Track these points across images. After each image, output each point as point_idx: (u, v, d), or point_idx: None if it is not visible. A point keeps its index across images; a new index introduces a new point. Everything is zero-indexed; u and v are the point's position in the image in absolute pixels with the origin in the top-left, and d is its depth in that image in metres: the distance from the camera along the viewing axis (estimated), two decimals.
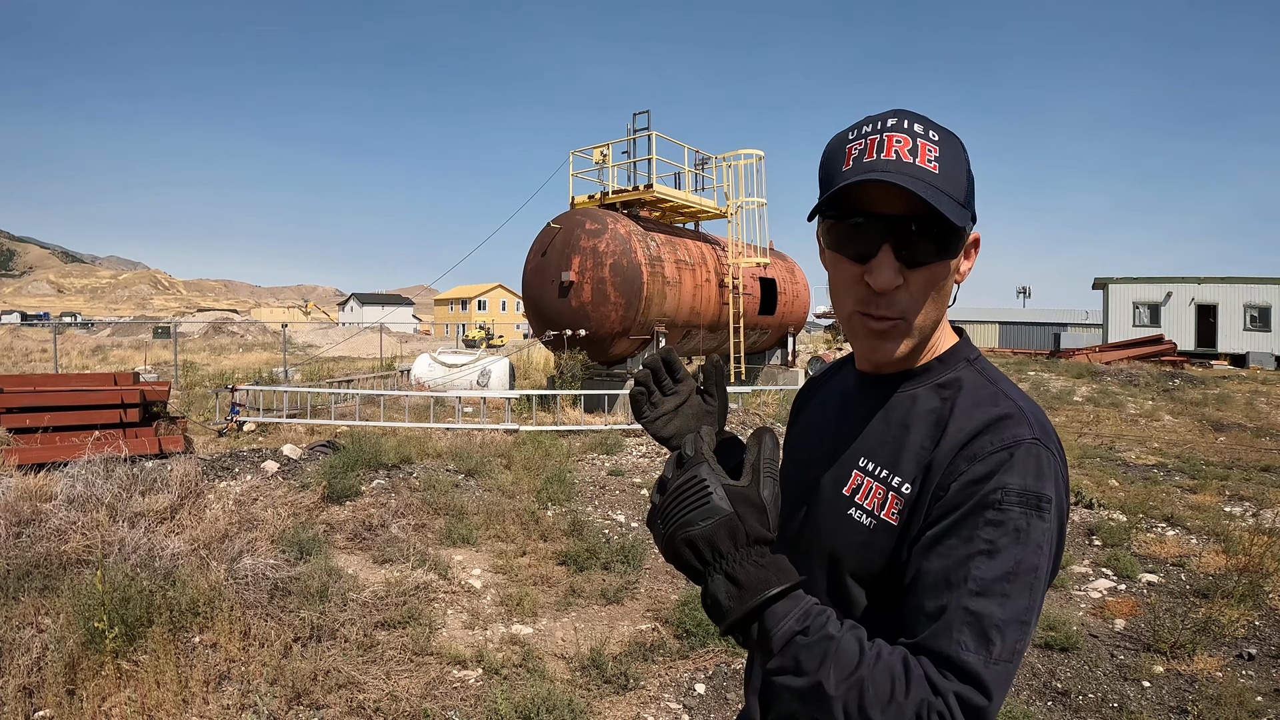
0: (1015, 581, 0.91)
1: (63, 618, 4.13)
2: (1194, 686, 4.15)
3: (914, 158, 0.99)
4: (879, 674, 0.87)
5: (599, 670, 4.22)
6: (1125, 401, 17.44)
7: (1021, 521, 0.92)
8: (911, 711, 0.84)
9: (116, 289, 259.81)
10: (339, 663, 4.04)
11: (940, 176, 1.00)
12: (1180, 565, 6.17)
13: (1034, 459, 0.96)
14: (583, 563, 5.91)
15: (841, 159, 1.04)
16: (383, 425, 11.91)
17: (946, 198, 0.99)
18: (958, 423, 1.03)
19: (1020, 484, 0.94)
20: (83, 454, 6.91)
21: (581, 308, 14.88)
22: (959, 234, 1.03)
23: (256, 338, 45.54)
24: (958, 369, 1.12)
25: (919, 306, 1.05)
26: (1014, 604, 0.90)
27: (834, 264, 1.09)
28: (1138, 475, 9.74)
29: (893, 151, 1.00)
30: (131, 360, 27.27)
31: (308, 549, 5.65)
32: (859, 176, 0.99)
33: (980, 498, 0.94)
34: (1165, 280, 34.01)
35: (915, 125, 1.02)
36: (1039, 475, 0.95)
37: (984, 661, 0.87)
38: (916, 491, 1.02)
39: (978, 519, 0.93)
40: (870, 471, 1.09)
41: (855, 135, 1.04)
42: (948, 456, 1.00)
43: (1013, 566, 0.91)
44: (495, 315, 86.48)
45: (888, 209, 1.01)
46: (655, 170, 16.34)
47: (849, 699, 0.86)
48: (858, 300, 1.06)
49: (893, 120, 1.03)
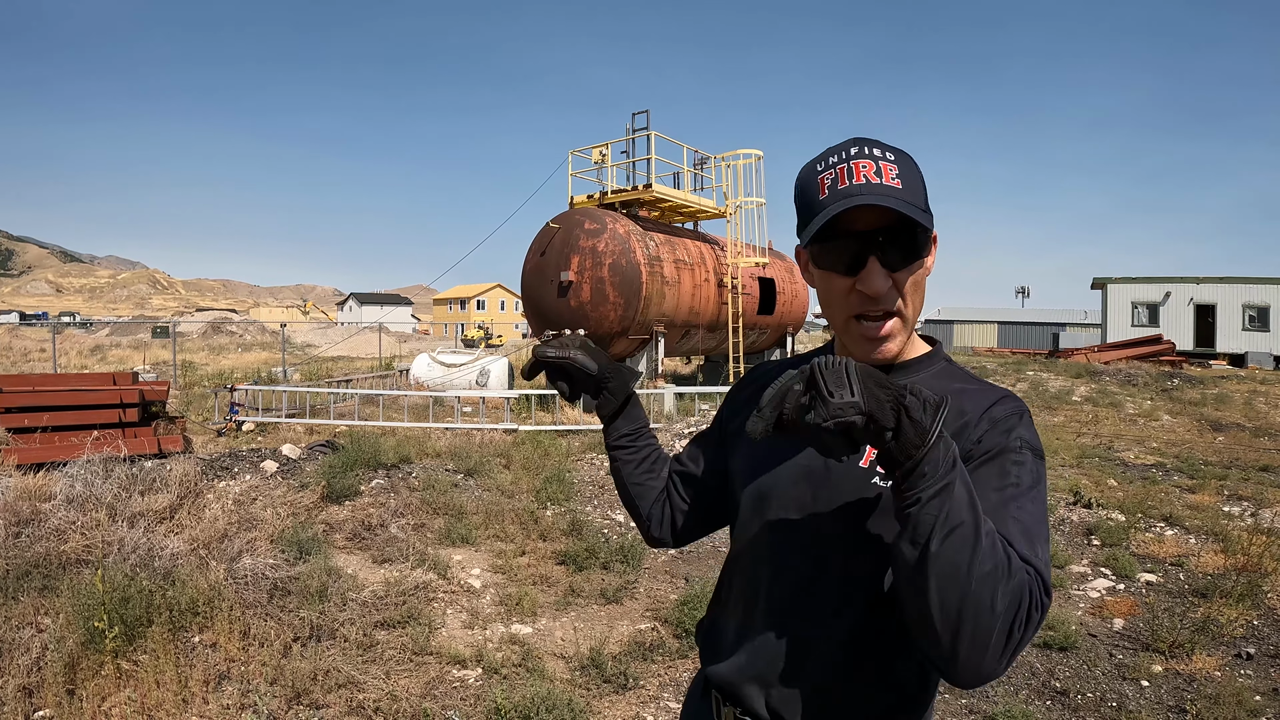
0: (1037, 503, 1.11)
1: (62, 617, 4.13)
2: (1192, 686, 4.16)
3: (880, 178, 1.15)
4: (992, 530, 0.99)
5: (598, 670, 4.23)
6: (1124, 401, 17.45)
7: (1035, 465, 1.14)
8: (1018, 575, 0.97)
9: (115, 289, 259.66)
10: (338, 662, 4.04)
11: (904, 190, 1.16)
12: (1179, 565, 6.18)
13: (1031, 422, 1.20)
14: (582, 562, 5.92)
15: (816, 189, 1.19)
16: (382, 425, 11.91)
17: (914, 207, 1.15)
18: (973, 399, 1.21)
19: (1029, 438, 1.17)
20: (82, 454, 6.91)
21: (580, 307, 14.88)
22: (928, 235, 1.20)
23: (255, 337, 45.52)
24: (940, 365, 1.33)
25: (907, 300, 1.21)
26: (1037, 516, 1.09)
27: (824, 280, 1.24)
28: (1136, 475, 9.75)
29: (861, 176, 1.15)
30: (130, 360, 27.26)
31: (307, 549, 5.66)
32: (846, 203, 1.14)
33: (1005, 444, 1.15)
34: (1164, 280, 34.03)
35: (874, 150, 1.18)
36: (1036, 435, 1.19)
37: (1036, 560, 1.02)
38: None
39: (1005, 460, 1.13)
40: None
41: (824, 166, 1.20)
42: (974, 420, 1.18)
43: (1032, 492, 1.11)
44: (494, 315, 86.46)
45: (868, 225, 1.16)
46: (654, 170, 16.36)
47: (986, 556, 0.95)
48: (853, 307, 1.21)
49: (855, 149, 1.19)
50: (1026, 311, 51.60)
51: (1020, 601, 0.95)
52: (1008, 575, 0.95)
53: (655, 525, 1.58)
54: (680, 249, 16.25)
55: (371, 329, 40.96)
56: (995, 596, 0.93)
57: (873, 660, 1.18)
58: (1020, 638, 0.95)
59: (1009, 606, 0.94)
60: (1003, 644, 0.94)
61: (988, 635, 0.93)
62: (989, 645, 0.93)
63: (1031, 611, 0.96)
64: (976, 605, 0.93)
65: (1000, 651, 0.94)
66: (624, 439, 1.57)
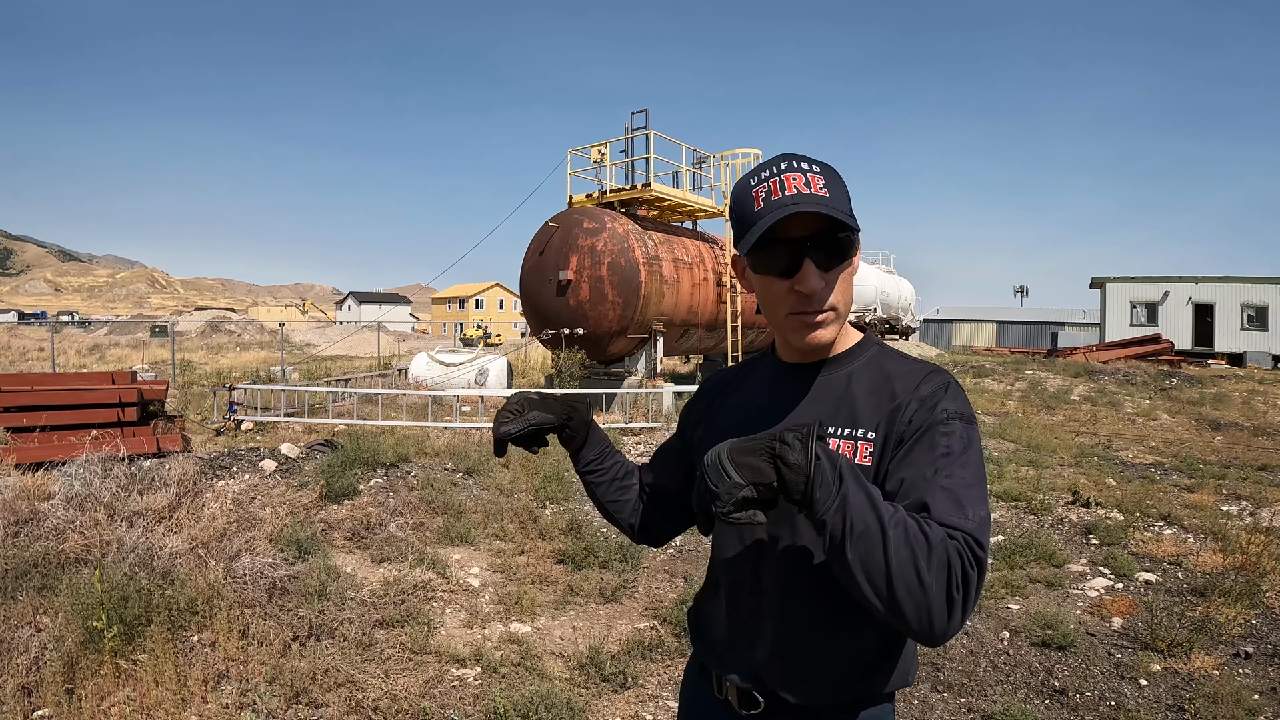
0: (968, 466, 1.20)
1: (61, 617, 4.13)
2: (1191, 685, 4.16)
3: (809, 188, 1.26)
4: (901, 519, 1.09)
5: (597, 669, 4.23)
6: (1122, 401, 17.47)
7: (963, 431, 1.24)
8: (938, 545, 1.07)
9: (114, 288, 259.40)
10: (337, 661, 4.04)
11: (831, 198, 1.27)
12: (1177, 564, 6.18)
13: (960, 393, 1.31)
14: (581, 561, 5.92)
15: (751, 201, 1.31)
16: (380, 424, 11.90)
17: (842, 213, 1.26)
18: (900, 382, 1.33)
19: (956, 407, 1.27)
20: (81, 453, 6.91)
21: (579, 306, 14.88)
22: (855, 238, 1.32)
23: (254, 336, 45.49)
24: (873, 350, 1.43)
25: (840, 296, 1.33)
26: (968, 479, 1.19)
27: (763, 284, 1.35)
28: (1135, 474, 9.76)
29: (792, 188, 1.26)
30: (129, 359, 27.23)
31: (306, 548, 5.65)
32: (783, 212, 1.24)
33: (932, 419, 1.25)
34: (1163, 280, 34.05)
35: (802, 164, 1.29)
36: (964, 402, 1.30)
37: (965, 521, 1.12)
38: (883, 436, 1.29)
39: (934, 433, 1.24)
40: (833, 433, 1.34)
41: (756, 181, 1.31)
42: (904, 401, 1.29)
43: (963, 457, 1.21)
44: (493, 314, 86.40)
45: (800, 232, 1.27)
46: (653, 169, 16.34)
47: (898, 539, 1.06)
48: (791, 305, 1.33)
49: (784, 164, 1.29)
50: (1025, 311, 51.62)
51: (949, 568, 1.06)
52: (927, 551, 1.06)
53: (638, 532, 1.70)
54: (679, 248, 16.24)
55: (370, 328, 40.90)
56: (920, 573, 1.04)
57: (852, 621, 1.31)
58: (963, 597, 1.06)
59: (938, 577, 1.05)
60: (945, 607, 1.05)
61: (926, 605, 1.05)
62: (931, 612, 1.05)
63: (967, 570, 1.07)
64: (906, 585, 1.04)
65: (946, 613, 1.05)
66: (591, 464, 1.64)
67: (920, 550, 1.05)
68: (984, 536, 1.12)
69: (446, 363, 17.81)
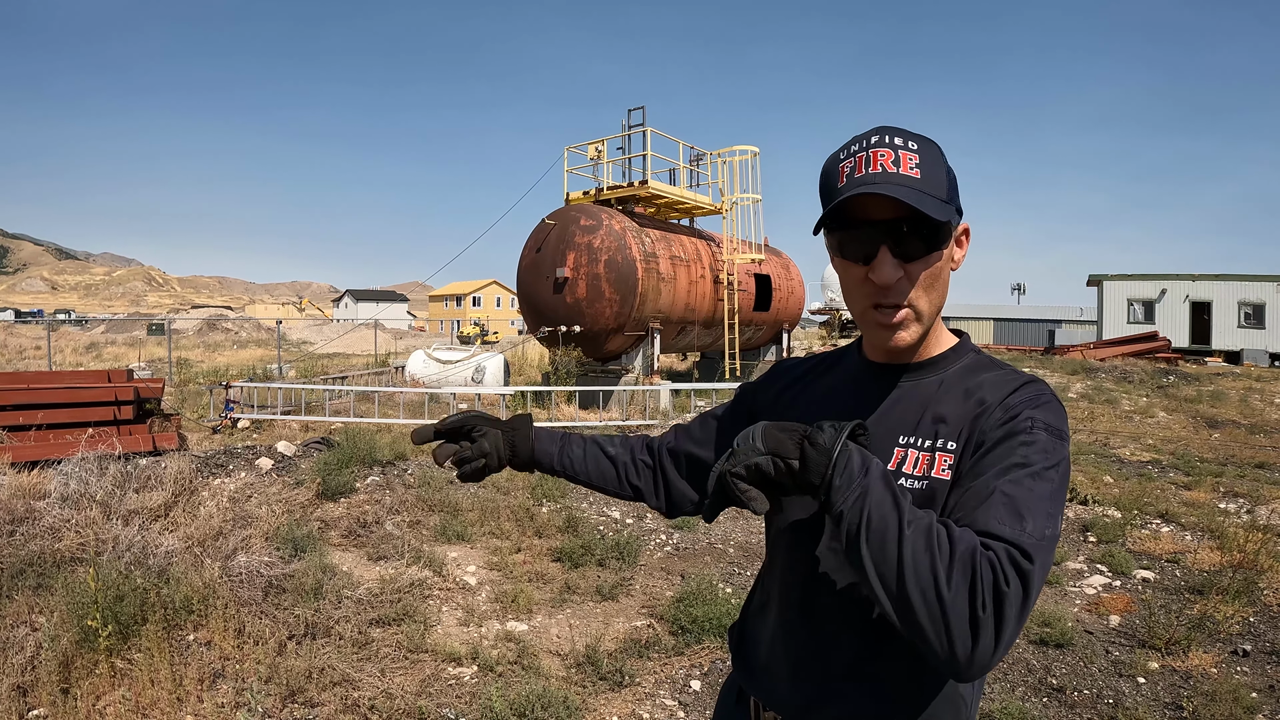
0: (1042, 482, 1.06)
1: (56, 616, 4.11)
2: (1189, 683, 4.16)
3: (897, 167, 1.15)
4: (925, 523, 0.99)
5: (594, 667, 4.22)
6: (1120, 398, 17.48)
7: (1049, 444, 1.10)
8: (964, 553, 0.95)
9: (110, 286, 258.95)
10: (333, 660, 4.02)
11: (922, 180, 1.15)
12: (1175, 562, 6.18)
13: (1056, 408, 1.16)
14: (578, 559, 5.91)
15: (836, 177, 1.19)
16: (377, 422, 11.89)
17: (929, 198, 1.14)
18: (990, 390, 1.21)
19: (1045, 419, 1.13)
20: (77, 451, 6.88)
21: (576, 304, 14.87)
22: (945, 228, 1.18)
23: (251, 334, 45.42)
24: (969, 357, 1.31)
25: (921, 294, 1.20)
26: (1043, 496, 1.04)
27: (843, 268, 1.24)
28: (1132, 472, 9.76)
29: (879, 165, 1.15)
30: (125, 357, 27.18)
31: (302, 546, 5.64)
32: (852, 191, 1.14)
33: (1013, 425, 1.13)
34: (1160, 277, 34.07)
35: (896, 139, 1.17)
36: (1059, 418, 1.15)
37: (1019, 533, 0.99)
38: (961, 446, 1.17)
39: (1013, 442, 1.11)
40: (912, 444, 1.22)
41: (845, 155, 1.20)
42: (990, 410, 1.17)
43: (1041, 471, 1.06)
44: (490, 311, 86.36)
45: (881, 215, 1.15)
46: (650, 166, 16.32)
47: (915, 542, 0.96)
48: (868, 296, 1.21)
49: (875, 137, 1.18)
50: (1022, 308, 51.58)
51: (975, 579, 0.92)
52: (949, 557, 0.94)
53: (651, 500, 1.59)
54: (676, 245, 16.23)
55: (367, 326, 40.86)
56: (938, 580, 0.92)
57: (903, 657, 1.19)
58: (994, 616, 0.92)
59: (959, 588, 0.92)
60: (969, 625, 0.92)
61: (944, 620, 0.92)
62: (951, 629, 0.91)
63: (999, 586, 0.92)
64: (920, 592, 0.93)
65: (970, 633, 0.91)
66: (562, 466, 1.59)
67: (941, 555, 0.94)
68: (1038, 553, 0.97)
69: (443, 360, 17.79)
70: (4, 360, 24.79)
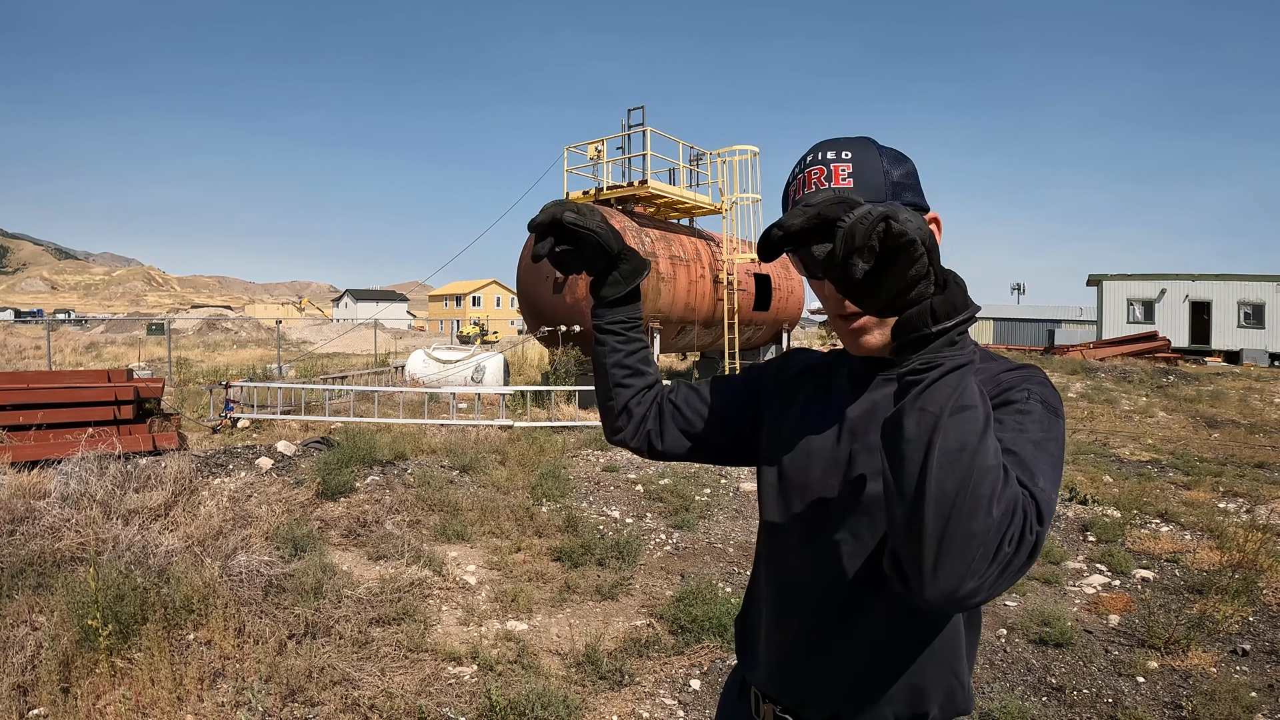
0: (1042, 447, 1.03)
1: (57, 615, 4.12)
2: (1188, 682, 4.17)
3: (829, 182, 1.18)
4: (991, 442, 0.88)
5: (594, 666, 4.22)
6: (1119, 398, 17.48)
7: (1044, 417, 1.09)
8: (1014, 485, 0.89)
9: (110, 285, 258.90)
10: (333, 660, 4.02)
11: (856, 189, 1.16)
12: (1174, 561, 6.19)
13: (1051, 389, 1.15)
14: (577, 559, 5.91)
15: (789, 203, 1.23)
16: (377, 421, 11.88)
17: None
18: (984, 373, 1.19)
19: (1040, 392, 1.12)
20: (76, 451, 6.88)
21: (576, 304, 14.86)
22: None
23: (250, 334, 45.41)
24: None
25: None
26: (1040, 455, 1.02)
27: (813, 284, 1.25)
28: (1132, 471, 9.77)
29: (813, 184, 1.19)
30: (125, 357, 27.17)
31: (302, 546, 5.64)
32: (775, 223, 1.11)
33: (1008, 395, 1.12)
34: (1160, 277, 34.08)
35: (829, 153, 1.20)
36: (1056, 399, 1.14)
37: (1034, 489, 0.94)
38: None
39: (1009, 409, 1.10)
40: None
41: (791, 179, 1.24)
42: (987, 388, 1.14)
43: (1039, 437, 1.05)
44: (490, 311, 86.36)
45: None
46: (650, 166, 16.31)
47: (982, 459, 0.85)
48: (833, 307, 1.24)
49: (810, 156, 1.21)
50: (1022, 308, 51.58)
51: (1014, 513, 0.86)
52: (1004, 482, 0.86)
53: (631, 425, 1.52)
54: (676, 245, 16.23)
55: (367, 325, 40.87)
56: (992, 498, 0.84)
57: (904, 653, 1.20)
58: (1011, 556, 0.86)
59: (1004, 515, 0.85)
60: (990, 556, 0.84)
61: (975, 539, 0.83)
62: (973, 551, 0.84)
63: (1025, 532, 0.87)
64: (974, 500, 0.83)
65: (985, 564, 0.84)
66: (619, 325, 1.49)
67: (999, 475, 0.86)
68: (1047, 509, 0.92)
69: (443, 360, 17.78)
70: (4, 360, 24.78)
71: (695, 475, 8.81)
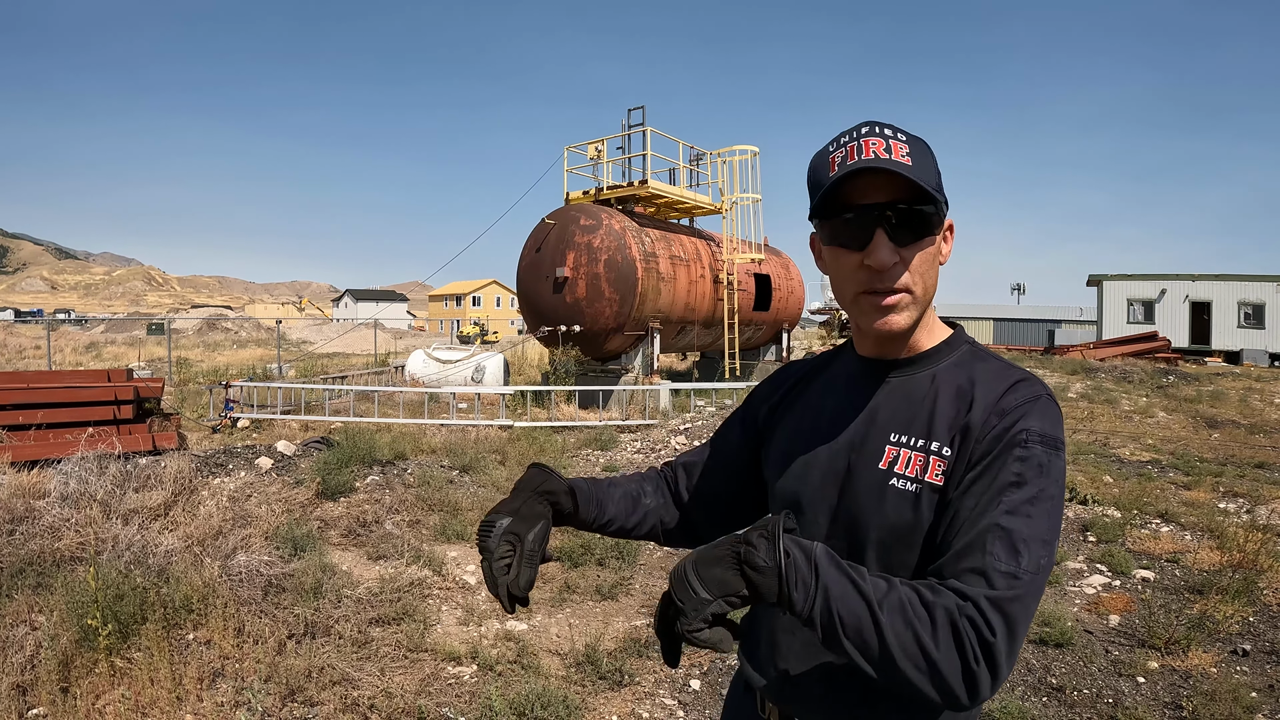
0: (1039, 505, 1.06)
1: (56, 615, 4.11)
2: (1188, 682, 4.16)
3: (889, 154, 1.14)
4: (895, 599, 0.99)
5: (594, 666, 4.22)
6: (1119, 398, 17.48)
7: (1044, 458, 1.09)
8: (944, 616, 0.97)
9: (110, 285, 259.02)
10: (333, 660, 4.02)
11: (914, 167, 1.14)
12: (1174, 561, 6.18)
13: (1050, 410, 1.15)
14: (577, 559, 5.91)
15: (827, 167, 1.18)
16: (377, 421, 11.88)
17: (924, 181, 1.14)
18: (983, 389, 1.19)
19: (1040, 428, 1.11)
20: (76, 451, 6.88)
21: (576, 304, 14.87)
22: (938, 213, 1.18)
23: (250, 334, 45.41)
24: (962, 350, 1.29)
25: (917, 278, 1.19)
26: (1038, 524, 1.05)
27: (834, 257, 1.22)
28: (1132, 471, 9.76)
29: (870, 152, 1.14)
30: (125, 357, 27.18)
31: (302, 545, 5.64)
32: (849, 168, 1.13)
33: (1008, 439, 1.11)
34: (1160, 277, 34.07)
35: (886, 130, 1.17)
36: (1055, 424, 1.14)
37: (1014, 570, 1.01)
38: (955, 453, 1.15)
39: (1007, 457, 1.09)
40: (905, 443, 1.20)
41: (835, 147, 1.19)
42: (982, 416, 1.15)
43: (1037, 493, 1.06)
44: (490, 311, 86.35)
45: (875, 198, 1.15)
46: (650, 166, 16.32)
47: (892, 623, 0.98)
48: (862, 283, 1.19)
49: (866, 129, 1.17)
50: (1022, 308, 51.60)
51: (961, 640, 0.96)
52: (931, 627, 0.97)
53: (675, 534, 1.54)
54: (676, 245, 16.23)
55: (367, 325, 40.86)
56: (925, 650, 0.96)
57: None
58: (987, 666, 0.96)
59: (947, 651, 0.96)
60: (962, 678, 0.96)
61: (941, 679, 0.96)
62: (949, 684, 0.96)
63: (985, 638, 0.96)
64: (913, 664, 0.96)
65: (965, 685, 0.97)
66: (597, 523, 1.44)
67: (923, 627, 0.97)
68: (1025, 589, 1.00)
69: (443, 360, 17.79)
70: (4, 360, 24.78)
71: None
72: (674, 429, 11.11)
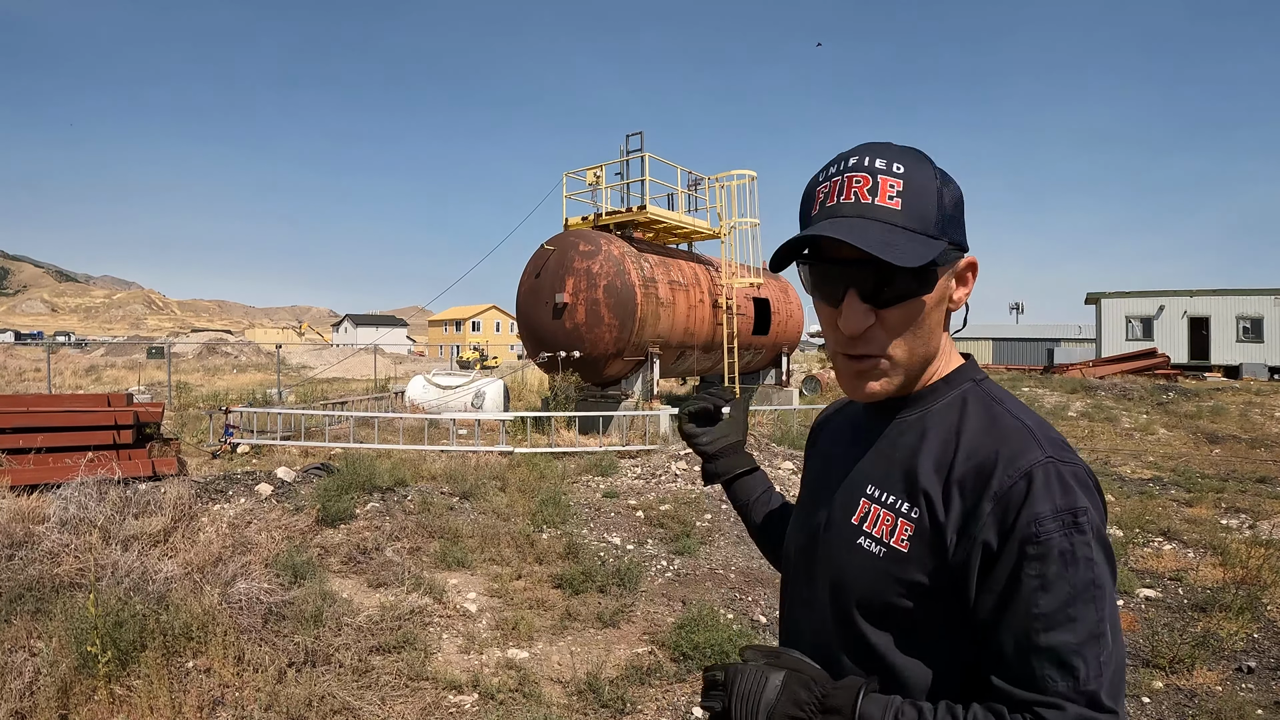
0: (1076, 603, 0.92)
1: (55, 641, 4.09)
2: (1194, 701, 4.14)
3: (874, 197, 1.00)
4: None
5: (595, 694, 4.19)
6: (1119, 416, 17.47)
7: (1063, 544, 0.93)
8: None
9: (111, 308, 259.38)
10: (334, 688, 4.00)
11: (902, 212, 1.00)
12: (1178, 579, 6.16)
13: (1054, 477, 0.96)
14: (578, 586, 5.88)
15: (812, 202, 1.07)
16: (377, 447, 11.87)
17: (905, 236, 0.99)
18: (965, 451, 1.03)
19: (1050, 508, 0.94)
20: (76, 475, 6.87)
21: (575, 329, 14.89)
22: (926, 271, 1.02)
23: (250, 358, 45.44)
24: (963, 389, 1.12)
25: (898, 343, 1.05)
26: (1083, 624, 0.92)
27: (817, 305, 1.11)
28: (1133, 489, 9.75)
29: (852, 194, 1.01)
30: (125, 380, 27.18)
31: (302, 573, 5.62)
32: (810, 231, 1.02)
33: (1018, 537, 0.95)
34: (1158, 294, 34.17)
35: (878, 161, 1.03)
36: (1064, 491, 0.95)
37: (1075, 687, 0.91)
38: (925, 518, 1.03)
39: (1022, 559, 0.94)
40: (878, 499, 1.09)
41: (824, 178, 1.06)
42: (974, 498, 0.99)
43: (1069, 591, 0.93)
44: (489, 336, 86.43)
45: (849, 253, 1.01)
46: (648, 191, 16.40)
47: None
48: (837, 341, 1.08)
49: (854, 159, 1.04)
50: (1021, 327, 51.68)
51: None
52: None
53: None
54: (675, 270, 16.28)
55: (367, 350, 40.89)
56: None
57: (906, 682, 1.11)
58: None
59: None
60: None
61: None
62: None
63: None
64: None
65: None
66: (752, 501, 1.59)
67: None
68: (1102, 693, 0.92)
69: (443, 385, 17.79)
70: (3, 382, 24.77)
71: (696, 501, 8.78)
72: (674, 454, 11.09)
